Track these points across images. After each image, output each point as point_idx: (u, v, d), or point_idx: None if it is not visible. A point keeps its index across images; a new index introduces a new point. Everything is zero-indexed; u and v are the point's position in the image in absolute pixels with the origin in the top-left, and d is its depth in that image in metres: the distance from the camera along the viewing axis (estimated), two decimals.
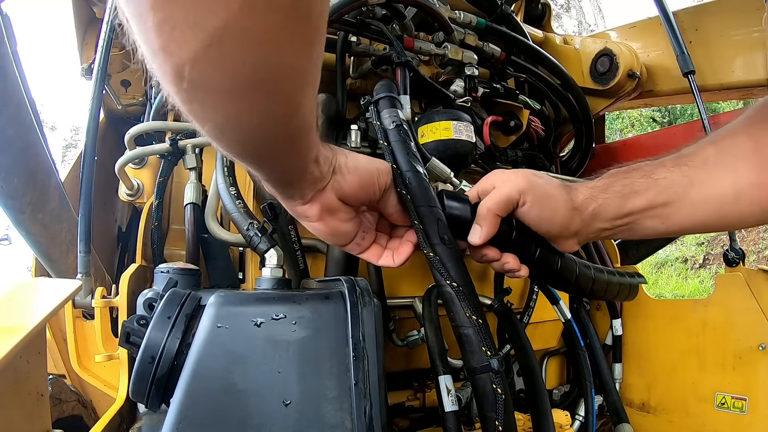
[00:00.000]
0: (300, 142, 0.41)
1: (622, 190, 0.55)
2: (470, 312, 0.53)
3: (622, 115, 7.28)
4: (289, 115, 0.35)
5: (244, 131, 0.35)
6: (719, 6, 1.17)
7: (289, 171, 0.45)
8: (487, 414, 0.52)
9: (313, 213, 0.51)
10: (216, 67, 0.27)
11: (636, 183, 0.55)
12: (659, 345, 1.20)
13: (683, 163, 0.53)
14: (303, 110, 0.36)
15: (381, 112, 0.67)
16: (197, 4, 0.24)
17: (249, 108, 0.32)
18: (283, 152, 0.41)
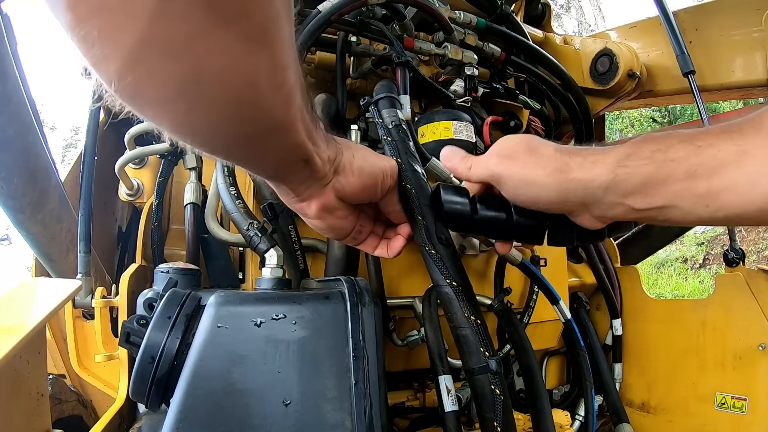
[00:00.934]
0: (272, 144, 0.38)
1: (652, 156, 0.42)
2: (468, 312, 0.53)
3: (622, 115, 7.28)
4: (243, 118, 0.33)
5: (198, 135, 0.34)
6: (719, 6, 1.17)
7: (270, 170, 0.43)
8: (485, 415, 0.52)
9: (310, 211, 0.49)
10: (143, 79, 0.27)
11: (672, 149, 0.41)
12: (659, 345, 1.20)
13: (733, 129, 0.40)
14: (262, 113, 0.34)
15: (381, 111, 0.68)
16: (109, 19, 0.24)
17: (191, 113, 0.31)
18: (252, 152, 0.39)
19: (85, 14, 0.23)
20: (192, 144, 0.36)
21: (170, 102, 0.29)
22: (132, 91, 0.28)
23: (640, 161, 0.42)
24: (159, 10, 0.24)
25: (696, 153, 0.40)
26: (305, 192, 0.47)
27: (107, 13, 0.23)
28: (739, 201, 0.39)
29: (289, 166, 0.43)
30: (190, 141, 0.35)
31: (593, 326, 1.23)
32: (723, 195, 0.39)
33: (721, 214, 0.40)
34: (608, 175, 0.43)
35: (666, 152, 0.41)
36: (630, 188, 0.43)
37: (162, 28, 0.24)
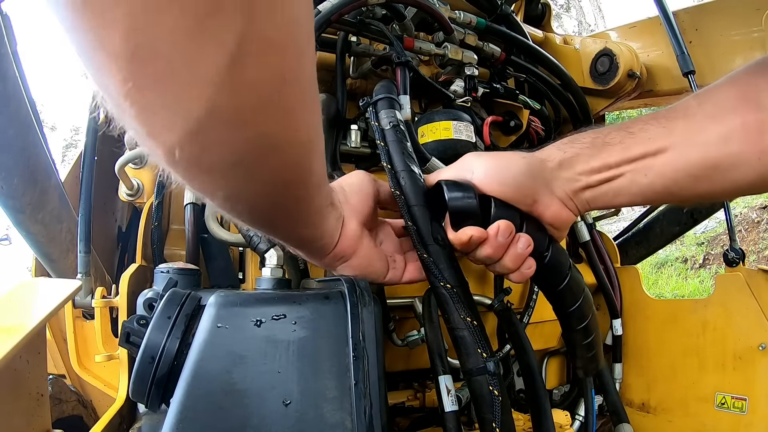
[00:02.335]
0: (315, 197, 0.40)
1: (592, 141, 0.50)
2: (464, 314, 0.53)
3: (622, 115, 7.27)
4: (297, 181, 0.34)
5: (253, 202, 0.34)
6: (719, 6, 1.17)
7: (312, 227, 0.45)
8: (484, 416, 0.52)
9: (345, 250, 0.51)
10: (206, 148, 0.26)
11: (609, 135, 0.50)
12: (659, 345, 1.20)
13: (661, 116, 0.48)
14: (312, 166, 0.35)
15: (379, 113, 0.68)
16: (174, 89, 0.22)
17: (252, 180, 0.31)
18: (301, 212, 0.40)
19: (147, 84, 0.21)
20: (243, 213, 0.36)
21: (232, 170, 0.28)
22: (191, 162, 0.27)
23: (582, 144, 0.51)
24: (229, 78, 0.22)
25: (629, 135, 0.48)
26: (337, 236, 0.49)
27: (175, 82, 0.22)
28: (671, 169, 0.46)
29: (326, 217, 0.45)
30: (242, 209, 0.35)
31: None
32: (656, 165, 0.46)
33: (659, 183, 0.47)
34: (558, 153, 0.51)
35: (603, 138, 0.50)
36: (578, 164, 0.50)
37: (232, 98, 0.23)
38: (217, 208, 0.35)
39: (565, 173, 0.51)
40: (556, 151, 0.51)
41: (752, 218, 5.03)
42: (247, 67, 0.22)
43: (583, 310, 0.59)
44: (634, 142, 0.47)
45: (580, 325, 0.60)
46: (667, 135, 0.46)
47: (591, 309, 0.61)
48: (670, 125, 0.46)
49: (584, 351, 0.63)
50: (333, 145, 0.89)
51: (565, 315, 0.59)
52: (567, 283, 0.56)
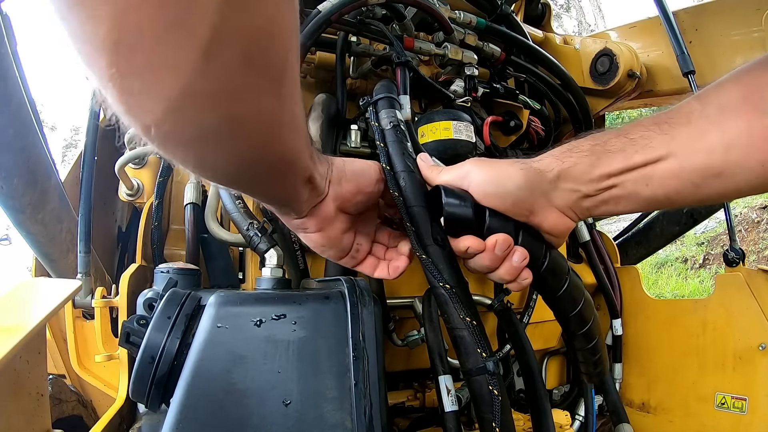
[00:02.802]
0: (287, 171, 0.40)
1: (591, 148, 0.48)
2: (463, 314, 0.53)
3: (622, 115, 7.27)
4: (266, 154, 0.36)
5: (221, 171, 0.36)
6: (719, 6, 1.17)
7: (280, 195, 0.45)
8: (484, 415, 0.52)
9: (311, 225, 0.50)
10: (179, 125, 0.28)
11: (609, 142, 0.48)
12: (659, 345, 1.20)
13: (663, 121, 0.46)
14: (281, 146, 0.36)
15: (379, 112, 0.68)
16: (153, 75, 0.24)
17: (221, 153, 0.33)
18: (268, 182, 0.41)
19: (129, 70, 0.24)
20: (212, 179, 0.38)
21: (202, 145, 0.31)
22: (165, 137, 0.29)
23: (581, 153, 0.49)
24: (204, 66, 0.25)
25: (630, 143, 0.46)
26: (307, 209, 0.49)
27: (152, 69, 0.24)
28: (673, 178, 0.45)
29: (297, 189, 0.44)
30: (210, 176, 0.37)
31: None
32: (658, 174, 0.45)
33: (661, 192, 0.46)
34: (557, 163, 0.50)
35: (603, 145, 0.48)
36: (577, 175, 0.49)
37: (206, 83, 0.26)
38: (188, 171, 0.37)
39: (563, 184, 0.50)
40: (554, 160, 0.50)
41: (752, 218, 5.03)
42: (218, 57, 0.25)
43: (583, 316, 0.59)
44: (635, 150, 0.46)
45: (581, 330, 0.60)
46: (668, 142, 0.44)
47: (592, 314, 0.61)
48: (672, 131, 0.45)
49: (588, 356, 0.63)
50: (333, 145, 0.89)
51: (566, 320, 0.59)
52: (566, 289, 0.57)
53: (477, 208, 0.52)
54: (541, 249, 0.54)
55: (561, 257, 0.57)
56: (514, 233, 0.52)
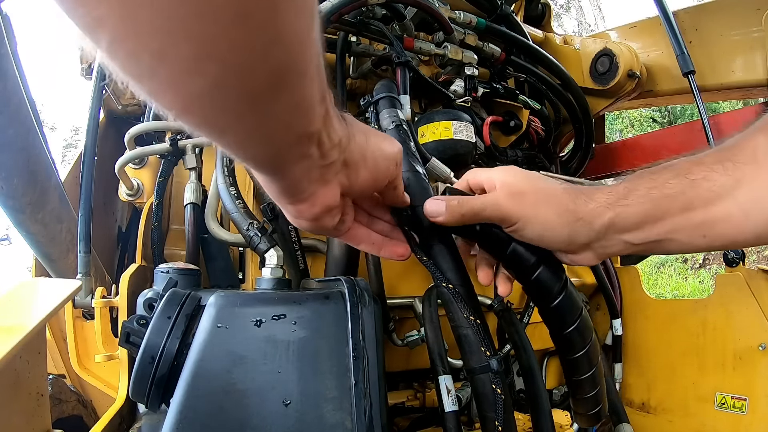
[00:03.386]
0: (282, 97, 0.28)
1: (648, 194, 0.43)
2: (468, 312, 0.53)
3: (622, 115, 7.28)
4: (252, 35, 0.24)
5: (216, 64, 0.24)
6: (719, 6, 1.17)
7: (273, 148, 0.32)
8: (486, 414, 0.52)
9: (310, 213, 0.40)
10: None
11: (667, 185, 0.43)
12: (659, 345, 1.20)
13: (726, 158, 0.41)
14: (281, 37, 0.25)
15: (380, 112, 0.68)
16: None
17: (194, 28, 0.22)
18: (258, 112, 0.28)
19: None
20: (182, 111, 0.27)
21: None
22: None
23: (637, 199, 0.44)
24: None
25: (690, 186, 0.42)
26: (308, 188, 0.38)
27: None
28: (734, 230, 0.41)
29: (296, 145, 0.33)
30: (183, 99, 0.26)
31: (593, 326, 1.22)
32: (719, 225, 0.41)
33: (718, 243, 0.42)
34: (609, 214, 0.45)
35: (661, 189, 0.43)
36: (629, 226, 0.45)
37: None
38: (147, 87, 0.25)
39: (611, 235, 0.46)
40: (606, 208, 0.45)
41: None
42: None
43: (582, 333, 0.53)
44: (696, 194, 0.41)
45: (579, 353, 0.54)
46: (732, 188, 0.40)
47: (591, 334, 0.55)
48: (737, 173, 0.40)
49: (587, 387, 0.56)
50: None
51: (562, 339, 0.54)
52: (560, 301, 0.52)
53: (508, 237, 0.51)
54: (531, 259, 0.51)
55: (555, 272, 0.53)
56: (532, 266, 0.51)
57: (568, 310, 0.52)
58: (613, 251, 0.48)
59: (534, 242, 0.49)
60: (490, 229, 0.51)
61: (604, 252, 0.48)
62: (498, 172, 0.51)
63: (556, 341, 0.54)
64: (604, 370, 0.58)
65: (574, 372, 0.55)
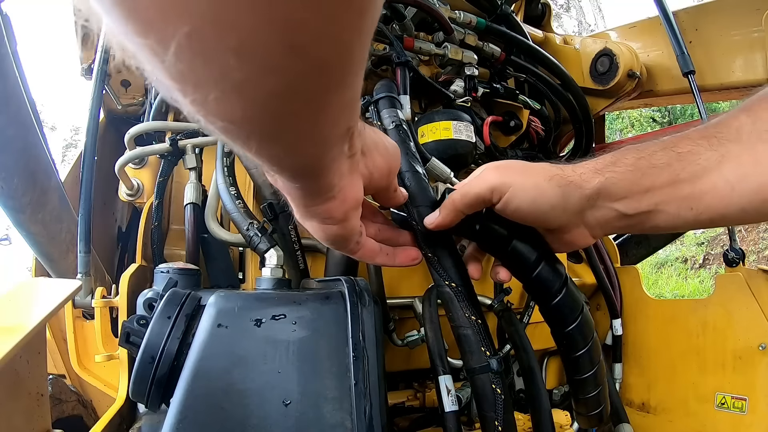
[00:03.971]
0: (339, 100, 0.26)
1: (636, 163, 0.44)
2: (469, 312, 0.53)
3: (622, 115, 7.28)
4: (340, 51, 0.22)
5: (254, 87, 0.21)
6: (719, 6, 1.17)
7: (315, 151, 0.30)
8: (486, 414, 0.52)
9: (339, 212, 0.38)
10: None
11: (655, 155, 0.43)
12: (659, 345, 1.20)
13: (711, 134, 0.42)
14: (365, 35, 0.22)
15: (381, 112, 0.68)
16: None
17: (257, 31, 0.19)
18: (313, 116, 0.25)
19: None
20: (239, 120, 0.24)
21: None
22: None
23: (624, 167, 0.44)
24: None
25: (677, 159, 0.42)
26: (338, 183, 0.35)
27: None
28: (721, 203, 0.41)
29: (338, 142, 0.31)
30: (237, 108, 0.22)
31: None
32: (706, 198, 0.41)
33: (705, 216, 0.42)
34: (599, 178, 0.45)
35: (649, 159, 0.44)
36: (618, 192, 0.45)
37: None
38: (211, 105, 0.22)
39: (601, 202, 0.46)
40: (594, 174, 0.46)
41: None
42: None
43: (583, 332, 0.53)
44: (682, 167, 0.42)
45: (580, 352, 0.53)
46: (718, 162, 0.41)
47: (592, 333, 0.53)
48: (722, 148, 0.41)
49: (590, 387, 0.56)
50: None
51: (563, 337, 0.53)
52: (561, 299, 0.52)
53: (508, 227, 0.51)
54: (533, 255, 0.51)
55: (556, 270, 0.52)
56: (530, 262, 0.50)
57: (569, 308, 0.51)
58: (605, 223, 0.48)
59: (527, 212, 0.48)
60: (489, 226, 0.51)
61: (596, 224, 0.48)
62: (482, 167, 0.51)
63: (557, 339, 0.54)
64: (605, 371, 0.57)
65: (576, 371, 0.55)
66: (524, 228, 0.51)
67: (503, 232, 0.51)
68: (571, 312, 0.52)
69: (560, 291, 0.51)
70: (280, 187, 0.36)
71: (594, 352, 0.53)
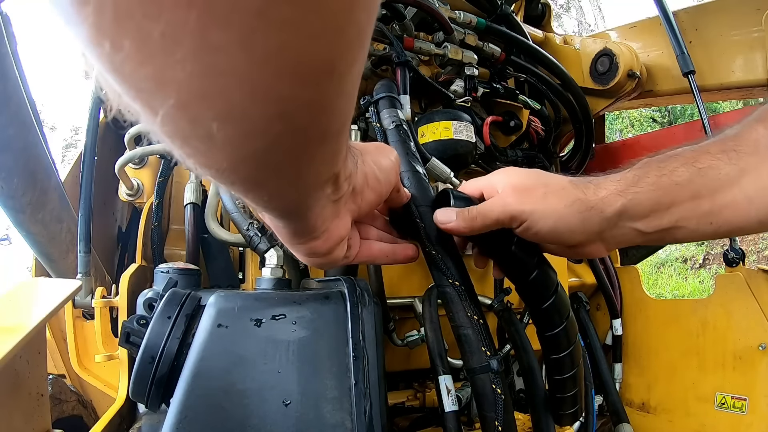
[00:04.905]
0: (321, 154, 0.28)
1: (658, 181, 0.44)
2: (471, 312, 0.53)
3: (622, 115, 7.28)
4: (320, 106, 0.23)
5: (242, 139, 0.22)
6: (719, 6, 1.17)
7: (298, 197, 0.32)
8: (486, 414, 0.52)
9: (323, 249, 0.40)
10: None
11: (676, 172, 0.44)
12: (659, 345, 1.20)
13: (730, 148, 0.43)
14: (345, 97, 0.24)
15: (381, 112, 0.68)
16: None
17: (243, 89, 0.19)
18: (299, 166, 0.27)
19: None
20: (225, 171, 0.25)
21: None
22: None
23: (647, 187, 0.45)
24: None
25: (698, 174, 0.43)
26: (322, 226, 0.37)
27: None
28: (739, 216, 0.42)
29: (319, 188, 0.33)
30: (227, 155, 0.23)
31: (593, 326, 1.23)
32: (725, 212, 0.43)
33: (724, 229, 0.43)
34: (621, 200, 0.45)
35: (670, 176, 0.44)
36: (640, 213, 0.45)
37: None
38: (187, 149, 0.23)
39: (623, 222, 0.46)
40: (617, 195, 0.46)
41: None
42: None
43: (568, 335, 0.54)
44: (703, 183, 0.43)
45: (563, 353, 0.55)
46: (737, 176, 0.42)
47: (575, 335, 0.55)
48: (741, 162, 0.42)
49: (569, 386, 0.57)
50: None
51: (548, 339, 0.54)
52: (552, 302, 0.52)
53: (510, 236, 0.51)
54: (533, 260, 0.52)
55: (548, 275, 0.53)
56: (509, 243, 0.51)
57: (558, 311, 0.53)
58: (623, 240, 0.48)
59: (546, 237, 0.48)
60: (492, 231, 0.51)
61: (614, 241, 0.48)
62: (497, 176, 0.52)
63: (542, 341, 0.56)
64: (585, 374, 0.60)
65: (558, 371, 0.57)
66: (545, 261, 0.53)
67: (506, 237, 0.52)
68: (560, 315, 0.54)
69: (553, 294, 0.52)
70: (267, 222, 0.38)
71: (576, 354, 0.56)
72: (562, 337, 0.54)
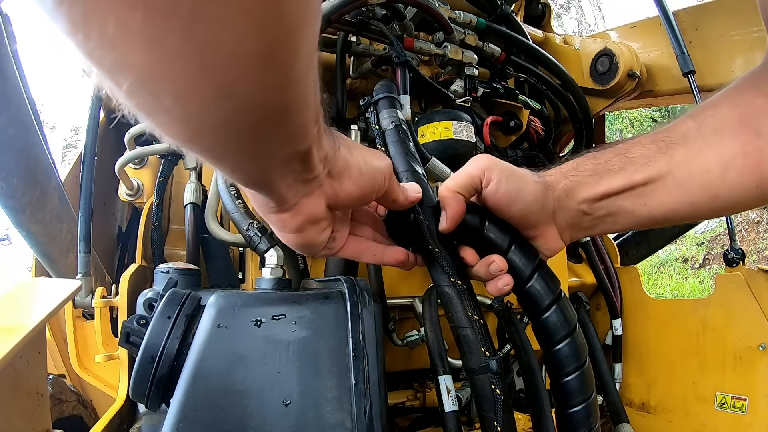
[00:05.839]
0: (280, 125, 0.29)
1: (594, 168, 0.50)
2: (471, 312, 0.53)
3: (622, 115, 7.28)
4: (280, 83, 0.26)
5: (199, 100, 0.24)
6: (719, 6, 1.17)
7: (261, 170, 0.34)
8: (486, 414, 0.52)
9: (292, 223, 0.40)
10: None
11: (610, 162, 0.49)
12: (659, 345, 1.20)
13: (660, 139, 0.48)
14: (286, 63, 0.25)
15: (380, 112, 0.68)
16: None
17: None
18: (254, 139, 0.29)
19: None
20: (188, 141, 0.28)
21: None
22: None
23: (585, 171, 0.50)
24: None
25: (630, 162, 0.48)
26: (291, 200, 0.38)
27: None
28: (671, 199, 0.47)
29: (283, 164, 0.34)
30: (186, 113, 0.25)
31: (593, 326, 1.23)
32: (656, 194, 0.47)
33: (658, 211, 0.48)
34: (565, 181, 0.51)
35: (605, 165, 0.50)
36: (581, 193, 0.50)
37: None
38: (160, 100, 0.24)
39: (567, 202, 0.51)
40: (560, 177, 0.51)
41: (752, 218, 5.03)
42: None
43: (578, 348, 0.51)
44: (634, 169, 0.48)
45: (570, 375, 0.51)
46: (666, 162, 0.46)
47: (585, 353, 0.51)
48: (670, 151, 0.46)
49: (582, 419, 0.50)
50: None
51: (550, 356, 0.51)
52: (550, 314, 0.51)
53: (480, 213, 0.53)
54: (529, 267, 0.52)
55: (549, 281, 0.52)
56: (508, 244, 0.52)
57: (556, 326, 0.51)
58: (573, 224, 0.52)
59: (513, 200, 0.50)
60: (487, 235, 0.52)
61: (566, 225, 0.52)
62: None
63: (539, 336, 0.54)
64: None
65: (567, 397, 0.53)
66: (522, 238, 0.53)
67: (503, 241, 0.52)
68: (559, 331, 0.51)
69: (551, 307, 0.51)
70: (242, 189, 0.41)
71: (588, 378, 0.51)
72: (563, 358, 0.51)
